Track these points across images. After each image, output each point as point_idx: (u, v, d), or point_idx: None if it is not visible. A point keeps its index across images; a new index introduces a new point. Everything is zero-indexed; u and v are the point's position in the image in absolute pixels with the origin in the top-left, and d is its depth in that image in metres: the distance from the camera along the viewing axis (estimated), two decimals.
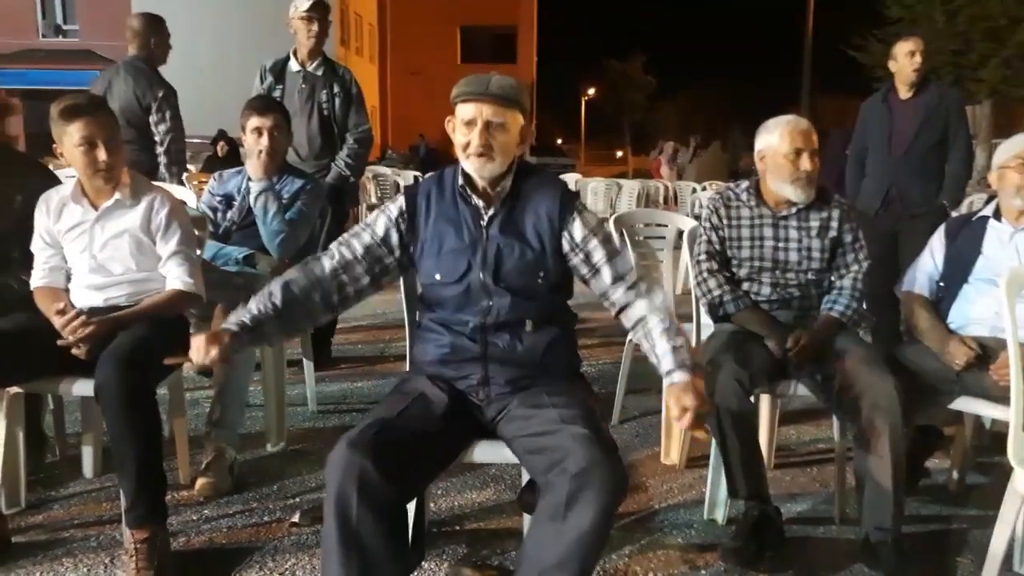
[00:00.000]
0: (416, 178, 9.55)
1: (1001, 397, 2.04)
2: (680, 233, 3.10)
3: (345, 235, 1.86)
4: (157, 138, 3.74)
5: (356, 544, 1.48)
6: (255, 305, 1.74)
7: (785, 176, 2.36)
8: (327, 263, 1.81)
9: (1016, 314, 1.85)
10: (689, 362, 1.66)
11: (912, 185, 3.72)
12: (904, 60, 3.69)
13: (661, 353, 1.70)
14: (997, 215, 2.37)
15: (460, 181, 1.81)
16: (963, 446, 2.61)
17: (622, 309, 1.82)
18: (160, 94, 3.73)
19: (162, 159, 3.76)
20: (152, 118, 3.74)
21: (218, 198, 3.03)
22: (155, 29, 3.83)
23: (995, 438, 2.69)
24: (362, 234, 1.83)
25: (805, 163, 2.33)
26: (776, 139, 2.37)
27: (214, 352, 1.63)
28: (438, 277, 1.80)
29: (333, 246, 1.84)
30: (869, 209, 3.75)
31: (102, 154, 2.14)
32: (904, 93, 3.75)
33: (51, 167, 2.82)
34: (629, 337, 3.01)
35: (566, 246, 1.81)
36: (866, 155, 3.93)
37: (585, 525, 1.46)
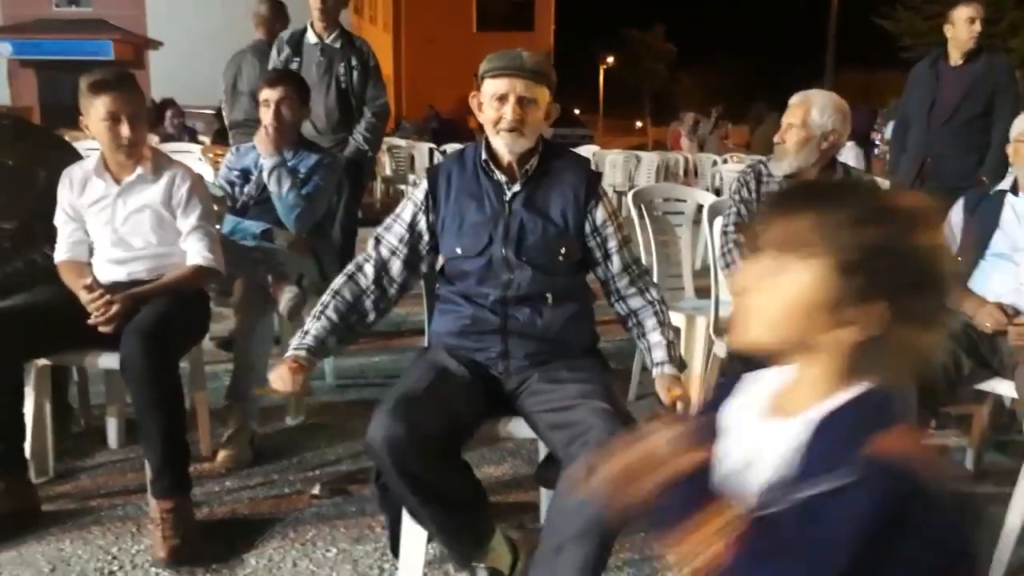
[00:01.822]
0: (431, 150, 9.47)
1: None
2: (699, 208, 3.08)
3: (379, 230, 1.89)
4: None
5: (427, 487, 1.58)
6: (313, 327, 1.80)
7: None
8: (369, 269, 1.85)
9: None
10: (677, 358, 1.80)
11: (949, 157, 3.58)
12: (962, 26, 3.54)
13: (653, 343, 1.83)
14: (1015, 189, 2.34)
15: (483, 156, 1.81)
16: (981, 424, 2.60)
17: (621, 298, 1.89)
18: None
19: None
20: None
21: (235, 172, 3.03)
22: (280, 15, 4.14)
23: (1014, 416, 2.67)
24: (393, 226, 1.88)
25: (776, 135, 2.41)
26: None
27: (299, 380, 1.71)
28: (459, 251, 1.81)
29: (370, 246, 1.88)
30: (905, 182, 3.66)
31: (125, 130, 2.15)
32: (956, 59, 3.60)
33: (67, 138, 2.85)
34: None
35: (588, 228, 1.84)
36: (910, 126, 3.79)
37: None
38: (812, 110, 2.36)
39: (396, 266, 1.85)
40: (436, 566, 1.96)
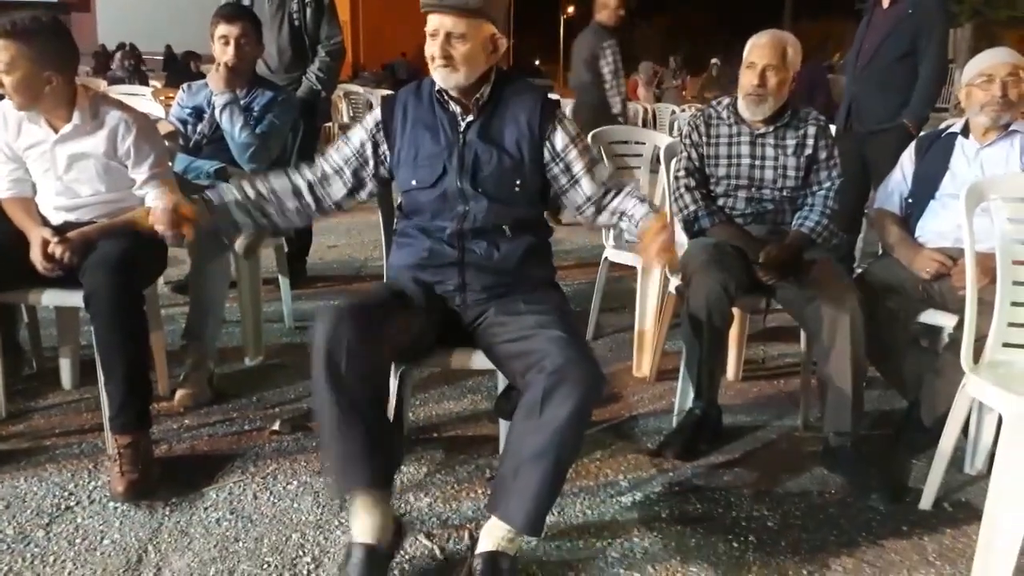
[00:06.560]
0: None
1: (960, 308, 2.12)
2: (658, 152, 3.10)
3: (328, 148, 1.91)
4: (607, 78, 5.08)
5: (346, 392, 1.54)
6: (227, 190, 1.81)
7: (741, 91, 2.39)
8: (308, 174, 1.88)
9: (975, 227, 1.89)
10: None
11: (871, 99, 3.56)
12: None
13: (640, 213, 1.83)
14: (965, 132, 2.41)
15: (438, 87, 1.80)
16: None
17: (603, 208, 1.89)
18: (604, 45, 5.05)
19: (612, 95, 5.11)
20: (601, 62, 5.06)
21: (187, 110, 2.94)
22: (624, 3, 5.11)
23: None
24: (342, 147, 1.89)
25: (752, 77, 2.34)
26: (744, 54, 2.38)
27: (179, 224, 1.70)
28: (414, 183, 1.82)
29: (317, 159, 1.90)
30: (838, 126, 3.71)
31: (5, 81, 2.03)
32: (885, 2, 3.60)
33: None
34: (604, 255, 3.07)
35: (547, 156, 1.84)
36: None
37: (561, 418, 1.51)
38: (788, 49, 2.33)
39: (336, 185, 1.88)
40: (395, 496, 2.00)
